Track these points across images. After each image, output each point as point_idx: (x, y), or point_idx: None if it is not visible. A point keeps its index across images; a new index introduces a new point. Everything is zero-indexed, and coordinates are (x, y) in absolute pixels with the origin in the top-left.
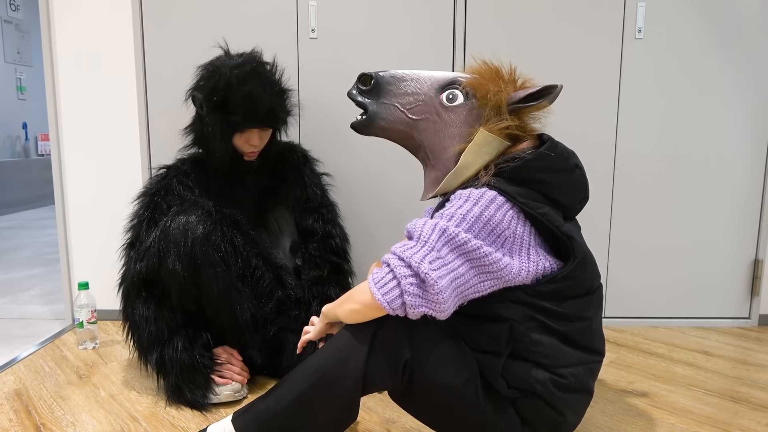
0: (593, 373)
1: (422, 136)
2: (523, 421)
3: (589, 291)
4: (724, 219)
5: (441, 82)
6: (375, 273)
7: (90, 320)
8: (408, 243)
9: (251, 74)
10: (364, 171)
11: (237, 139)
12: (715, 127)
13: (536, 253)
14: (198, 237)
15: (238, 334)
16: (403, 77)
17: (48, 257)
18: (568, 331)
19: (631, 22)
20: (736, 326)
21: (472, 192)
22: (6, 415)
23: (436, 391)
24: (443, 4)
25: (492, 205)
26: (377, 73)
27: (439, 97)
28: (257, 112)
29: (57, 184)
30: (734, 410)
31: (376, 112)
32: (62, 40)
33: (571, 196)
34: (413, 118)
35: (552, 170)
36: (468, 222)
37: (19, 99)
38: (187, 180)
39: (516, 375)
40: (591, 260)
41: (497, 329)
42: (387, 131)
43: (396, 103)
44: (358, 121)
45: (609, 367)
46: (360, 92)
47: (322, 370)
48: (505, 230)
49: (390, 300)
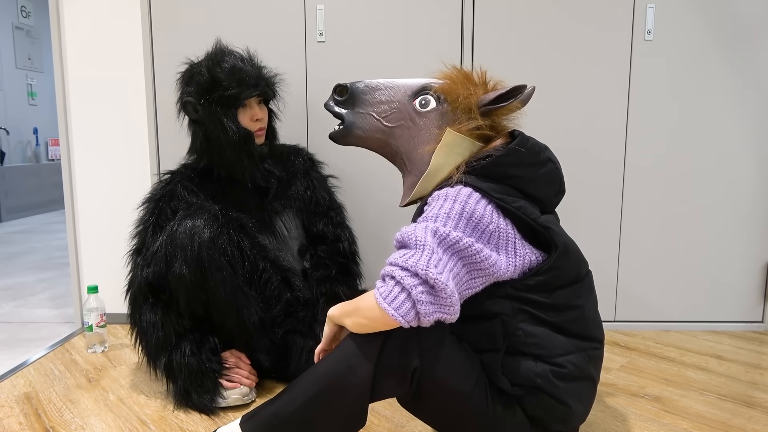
0: (593, 360)
1: (398, 142)
2: (532, 421)
3: (576, 279)
4: (736, 222)
5: (414, 89)
6: (380, 288)
7: (99, 324)
8: (406, 252)
9: (225, 53)
10: (370, 173)
11: (242, 118)
12: (726, 130)
13: (522, 246)
14: (205, 241)
15: (245, 337)
16: (377, 86)
17: (58, 261)
18: (560, 321)
19: (641, 23)
20: (749, 330)
21: (448, 191)
22: (16, 418)
23: (445, 397)
24: (451, 9)
25: (470, 199)
26: (352, 84)
27: (412, 103)
28: (248, 78)
29: (67, 188)
30: (748, 415)
31: (353, 122)
32: (72, 47)
33: (545, 190)
34: (388, 126)
35: (524, 165)
36: (453, 220)
37: (30, 104)
38: (191, 185)
39: (516, 371)
40: (574, 248)
41: (490, 326)
42: (364, 140)
43: (371, 112)
44: (336, 132)
45: (620, 371)
46: (336, 103)
47: (330, 376)
48: (488, 225)
49: (404, 313)
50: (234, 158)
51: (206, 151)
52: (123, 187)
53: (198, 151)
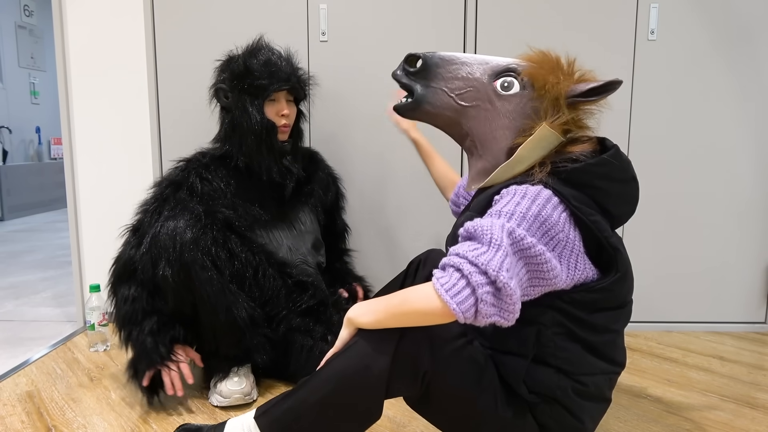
0: (612, 383)
1: (471, 123)
2: (542, 428)
3: (621, 305)
4: (738, 223)
5: (495, 69)
6: (440, 278)
7: (101, 323)
8: (478, 246)
9: (264, 47)
10: (371, 174)
11: (268, 112)
12: (730, 130)
13: (583, 261)
14: (187, 242)
15: (236, 337)
16: (454, 60)
17: (60, 260)
18: (594, 341)
19: (644, 23)
20: (751, 331)
21: (529, 189)
22: (18, 417)
23: (453, 400)
24: (453, 9)
25: (549, 204)
26: (425, 54)
27: (492, 84)
28: (280, 72)
29: (69, 187)
30: (751, 416)
31: (423, 96)
32: (75, 46)
33: (623, 208)
34: (463, 105)
35: (611, 179)
36: (528, 221)
37: (33, 103)
38: (206, 172)
39: (538, 380)
40: (631, 275)
41: (525, 332)
42: (432, 116)
43: (444, 88)
44: (403, 104)
45: (623, 372)
46: (406, 74)
47: (346, 372)
48: (559, 233)
49: (465, 309)
50: (254, 148)
51: (230, 138)
52: (125, 186)
53: (222, 138)
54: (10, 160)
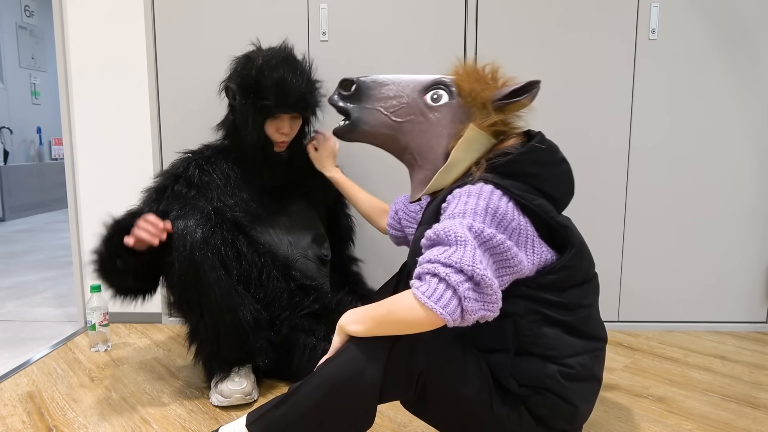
0: (599, 360)
1: (408, 138)
2: (538, 421)
3: (586, 279)
4: (740, 222)
5: (424, 84)
6: (420, 287)
7: (102, 323)
8: (446, 248)
9: (283, 61)
10: (371, 174)
11: (268, 127)
12: (731, 132)
13: (539, 245)
14: (197, 241)
15: (241, 339)
16: (385, 81)
17: (61, 260)
18: (570, 320)
19: (645, 23)
20: (752, 330)
21: (470, 188)
22: (19, 417)
23: (449, 401)
24: (454, 8)
25: (494, 196)
26: (359, 78)
27: (423, 98)
28: (289, 97)
29: (70, 187)
30: (753, 416)
31: (359, 117)
32: (76, 46)
33: (560, 190)
34: (398, 121)
35: (541, 163)
36: (481, 216)
37: (34, 104)
38: (207, 165)
39: (525, 372)
40: (587, 249)
41: (502, 326)
42: (371, 136)
43: (379, 107)
44: (341, 127)
45: (624, 371)
46: (342, 98)
47: (338, 378)
48: (511, 221)
49: (451, 311)
50: (249, 155)
51: (230, 135)
52: (126, 186)
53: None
54: (11, 161)
